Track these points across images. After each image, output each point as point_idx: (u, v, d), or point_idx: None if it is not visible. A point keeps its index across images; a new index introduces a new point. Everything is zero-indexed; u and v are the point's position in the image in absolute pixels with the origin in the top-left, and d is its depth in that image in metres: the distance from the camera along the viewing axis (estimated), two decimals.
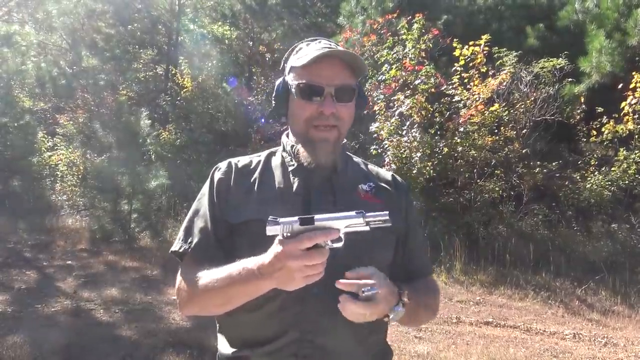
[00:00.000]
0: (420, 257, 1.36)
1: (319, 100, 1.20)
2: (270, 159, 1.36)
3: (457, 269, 6.99)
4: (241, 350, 1.24)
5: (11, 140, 9.99)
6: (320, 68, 1.21)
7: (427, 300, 1.27)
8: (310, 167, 1.26)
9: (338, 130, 1.24)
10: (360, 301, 1.07)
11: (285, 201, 1.24)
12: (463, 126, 8.25)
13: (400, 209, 1.31)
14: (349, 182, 1.30)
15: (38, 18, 11.22)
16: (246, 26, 14.34)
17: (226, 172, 1.32)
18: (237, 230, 1.24)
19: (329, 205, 1.22)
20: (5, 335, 4.16)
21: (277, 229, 1.04)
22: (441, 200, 8.58)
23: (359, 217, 1.05)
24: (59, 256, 7.20)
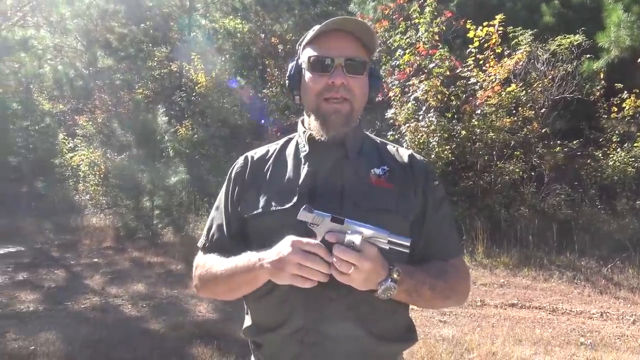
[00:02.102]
0: (439, 240, 1.30)
1: (329, 72, 1.21)
2: (286, 147, 1.37)
3: (479, 253, 6.95)
4: (258, 335, 1.29)
5: (33, 143, 10.19)
6: (330, 41, 1.22)
7: (435, 281, 1.20)
8: (321, 151, 1.26)
9: (350, 104, 1.23)
10: (345, 247, 1.05)
11: (292, 191, 1.24)
12: (480, 108, 8.15)
13: (416, 191, 1.28)
14: (362, 166, 1.28)
15: (52, 21, 11.35)
16: (257, 19, 14.33)
17: (242, 167, 1.36)
18: (249, 222, 1.28)
19: (336, 194, 1.22)
20: (38, 332, 4.27)
21: (309, 217, 1.06)
22: (461, 184, 8.51)
23: (384, 234, 1.06)
24: (85, 254, 7.35)
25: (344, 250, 1.04)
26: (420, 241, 1.27)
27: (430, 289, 1.20)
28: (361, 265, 1.05)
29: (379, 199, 1.23)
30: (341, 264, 1.04)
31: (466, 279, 1.34)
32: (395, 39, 9.04)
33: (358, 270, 1.05)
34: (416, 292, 1.18)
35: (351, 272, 1.05)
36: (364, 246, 1.05)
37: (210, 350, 3.90)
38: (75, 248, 7.71)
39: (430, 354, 3.86)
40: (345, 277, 1.07)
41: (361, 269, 1.05)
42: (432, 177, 1.34)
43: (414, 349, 3.93)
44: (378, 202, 1.23)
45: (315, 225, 1.07)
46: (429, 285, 1.20)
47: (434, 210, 1.30)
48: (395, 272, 1.10)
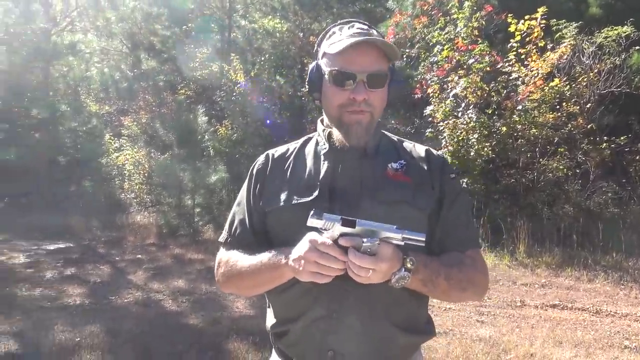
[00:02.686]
0: (456, 232, 1.31)
1: (351, 87, 1.22)
2: (306, 145, 1.41)
3: (520, 252, 6.80)
4: (282, 325, 1.32)
5: (81, 143, 10.58)
6: (352, 55, 1.21)
7: (450, 272, 1.21)
8: (342, 149, 1.28)
9: (371, 115, 1.26)
10: (361, 254, 1.05)
11: (313, 186, 1.27)
12: (522, 104, 7.96)
13: (433, 184, 1.30)
14: (379, 162, 1.31)
15: (99, 25, 11.73)
16: (296, 18, 14.40)
17: (263, 164, 1.39)
18: (270, 217, 1.31)
19: (354, 188, 1.25)
20: (84, 325, 4.44)
21: (319, 223, 1.06)
22: (502, 182, 8.34)
23: (397, 233, 1.06)
24: (129, 251, 7.59)
25: (360, 257, 1.05)
26: (438, 233, 1.29)
27: (445, 280, 1.21)
28: (378, 268, 1.06)
29: (395, 192, 1.26)
30: (359, 270, 1.06)
31: (484, 272, 1.34)
32: (434, 35, 8.92)
33: (376, 272, 1.07)
34: (431, 282, 1.19)
35: (369, 275, 1.07)
36: (379, 248, 1.06)
37: (246, 345, 3.97)
38: (120, 245, 7.97)
39: (466, 353, 3.81)
40: (362, 279, 1.08)
41: (378, 270, 1.07)
42: (449, 171, 1.36)
43: (449, 349, 3.89)
44: (395, 194, 1.25)
45: (326, 230, 1.08)
46: (444, 275, 1.21)
47: (450, 203, 1.31)
48: (408, 261, 1.11)
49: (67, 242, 8.04)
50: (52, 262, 6.77)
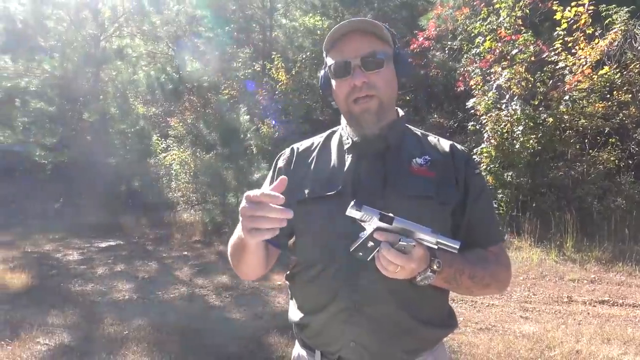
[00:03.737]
0: (480, 228, 1.31)
1: (350, 75, 1.24)
2: (330, 139, 1.42)
3: (568, 246, 6.58)
4: (304, 317, 1.34)
5: (130, 144, 10.93)
6: (343, 45, 1.26)
7: (474, 270, 1.21)
8: (364, 144, 1.29)
9: (378, 98, 1.26)
10: (395, 250, 1.05)
11: (337, 179, 1.29)
12: (569, 94, 7.69)
13: (457, 179, 1.30)
14: (404, 156, 1.31)
15: (145, 30, 12.07)
16: (336, 14, 14.39)
17: (288, 157, 1.42)
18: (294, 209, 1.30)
19: (378, 183, 1.26)
20: (132, 318, 4.62)
21: (357, 214, 1.07)
22: (549, 175, 8.09)
23: (432, 236, 1.07)
24: (176, 248, 7.81)
25: (394, 254, 1.05)
26: (462, 229, 1.29)
27: (469, 278, 1.21)
28: (408, 267, 1.07)
29: (419, 186, 1.26)
30: (388, 264, 1.06)
31: (507, 267, 1.34)
32: (476, 26, 8.74)
33: (403, 270, 1.08)
34: (455, 280, 1.20)
35: (397, 271, 1.08)
36: (413, 249, 1.07)
37: (286, 339, 4.03)
38: (167, 242, 8.22)
39: (508, 350, 3.73)
40: (389, 273, 1.09)
41: (407, 269, 1.07)
42: (473, 166, 1.35)
43: (490, 345, 3.82)
44: (418, 189, 1.25)
45: (364, 222, 1.09)
46: (468, 274, 1.21)
47: (474, 199, 1.31)
48: (435, 263, 1.12)
49: (118, 239, 8.34)
50: (104, 258, 7.06)
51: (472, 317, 4.55)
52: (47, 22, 10.75)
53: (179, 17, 12.78)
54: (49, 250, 7.58)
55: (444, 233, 1.09)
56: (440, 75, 11.80)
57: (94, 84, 11.11)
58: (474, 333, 4.14)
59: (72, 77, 10.85)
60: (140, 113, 12.20)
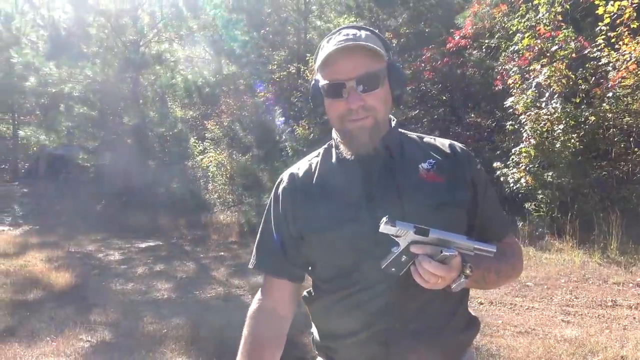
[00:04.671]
0: (493, 222, 1.31)
1: (345, 96, 1.19)
2: (327, 156, 1.35)
3: (613, 248, 6.36)
4: (330, 340, 1.29)
5: (168, 147, 11.19)
6: (338, 63, 1.19)
7: (498, 265, 1.22)
8: (367, 158, 1.24)
9: (373, 117, 1.21)
10: (436, 262, 1.04)
11: (350, 200, 1.23)
12: (612, 91, 7.43)
13: (465, 178, 1.27)
14: (409, 164, 1.26)
15: (182, 35, 12.34)
16: (371, 15, 14.34)
17: (289, 184, 1.33)
18: (312, 240, 1.26)
19: (393, 195, 1.22)
20: (170, 317, 4.71)
21: (392, 230, 1.05)
22: (592, 175, 7.85)
23: (469, 242, 1.07)
24: (213, 248, 7.93)
25: (435, 266, 1.04)
26: (476, 226, 1.28)
27: (495, 274, 1.23)
28: (449, 277, 1.06)
29: (434, 193, 1.22)
30: (430, 277, 1.05)
31: (520, 256, 1.37)
32: (514, 23, 8.56)
33: (444, 280, 1.06)
34: (483, 279, 1.21)
35: (438, 282, 1.06)
36: (453, 259, 1.06)
37: None
38: (204, 242, 8.35)
39: (548, 354, 3.63)
40: (429, 285, 1.07)
41: (447, 279, 1.06)
42: (475, 162, 1.33)
43: (530, 349, 3.73)
44: (434, 196, 1.22)
45: (398, 237, 1.07)
46: (494, 271, 1.23)
47: (483, 194, 1.30)
48: (467, 268, 1.09)
49: (157, 240, 8.53)
50: (143, 258, 7.23)
51: (511, 320, 4.45)
52: (90, 29, 11.10)
53: (215, 22, 13.01)
54: (92, 250, 7.81)
55: (477, 239, 1.09)
56: (477, 74, 11.60)
57: (134, 88, 11.41)
58: (513, 336, 4.05)
59: (113, 82, 11.18)
60: (178, 116, 12.46)
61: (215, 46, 13.62)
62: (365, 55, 1.18)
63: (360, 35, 1.21)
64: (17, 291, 5.52)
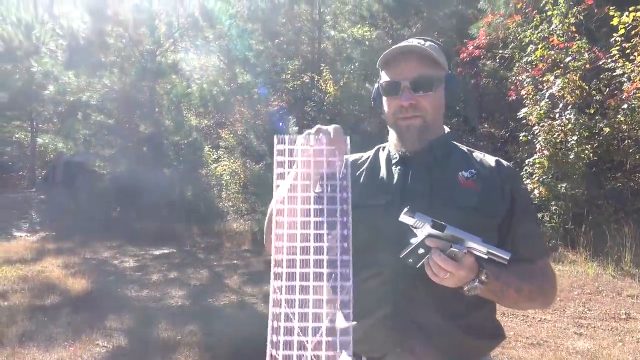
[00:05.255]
0: (526, 242, 1.31)
1: (399, 95, 1.29)
2: (379, 153, 1.46)
3: (627, 261, 6.31)
4: None
5: (183, 155, 11.33)
6: (396, 65, 1.31)
7: (521, 283, 1.23)
8: (411, 157, 1.33)
9: (422, 118, 1.31)
10: (446, 257, 1.08)
11: (386, 189, 1.33)
12: (627, 102, 7.41)
13: (503, 194, 1.31)
14: (450, 169, 1.34)
15: (198, 44, 12.54)
16: (385, 24, 14.42)
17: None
18: None
19: (425, 193, 1.29)
20: (184, 325, 4.77)
21: (410, 220, 1.11)
22: (607, 186, 7.80)
23: (483, 246, 1.10)
24: (226, 256, 8.00)
25: (444, 259, 1.08)
26: (508, 243, 1.30)
27: (515, 291, 1.23)
28: (457, 274, 1.09)
29: (465, 198, 1.28)
30: (439, 270, 1.09)
31: (553, 282, 1.34)
32: (526, 34, 8.56)
33: (452, 277, 1.10)
34: (501, 292, 1.22)
35: (446, 277, 1.10)
36: (464, 256, 1.09)
37: None
38: (218, 250, 8.43)
39: None
40: (438, 279, 1.12)
41: (456, 276, 1.10)
42: (519, 181, 1.38)
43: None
44: (464, 200, 1.27)
45: (416, 228, 1.12)
46: (514, 287, 1.23)
47: (520, 213, 1.32)
48: (483, 274, 1.13)
49: (171, 247, 8.62)
50: (158, 266, 7.31)
51: (523, 331, 4.44)
52: (108, 38, 11.31)
53: (230, 31, 13.15)
54: (107, 257, 7.92)
55: (480, 235, 1.11)
56: (491, 84, 11.60)
57: (150, 97, 11.58)
58: (525, 348, 4.04)
59: (130, 91, 11.36)
60: (193, 125, 12.62)
61: (230, 55, 13.77)
62: (422, 60, 1.29)
63: (424, 44, 1.32)
64: (34, 296, 5.62)
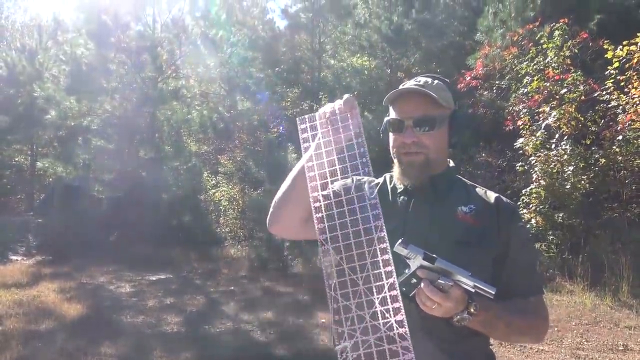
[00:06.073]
0: (521, 278, 1.36)
1: (402, 132, 1.37)
2: (386, 180, 1.52)
3: (624, 292, 6.30)
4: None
5: (182, 180, 11.36)
6: (402, 103, 1.39)
7: (512, 318, 1.27)
8: (414, 190, 1.40)
9: (424, 155, 1.36)
10: (434, 288, 1.12)
11: (392, 216, 1.35)
12: (622, 133, 7.51)
13: (500, 230, 1.36)
14: (450, 204, 1.39)
15: (199, 72, 12.73)
16: (384, 54, 14.65)
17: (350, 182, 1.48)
18: None
19: (423, 226, 1.34)
20: (180, 351, 4.73)
21: (404, 251, 1.16)
22: (603, 216, 7.84)
23: (470, 280, 1.14)
24: (223, 283, 7.96)
25: (432, 290, 1.13)
26: (503, 278, 1.34)
27: (505, 325, 1.27)
28: (444, 305, 1.13)
29: (462, 233, 1.33)
30: (427, 300, 1.14)
31: (545, 318, 1.38)
32: (523, 66, 8.72)
33: (440, 307, 1.14)
34: (491, 325, 1.25)
35: (434, 307, 1.14)
36: (450, 288, 1.14)
37: None
38: (214, 276, 8.39)
39: None
40: (427, 309, 1.16)
41: (443, 307, 1.14)
42: (517, 218, 1.43)
43: None
44: (461, 235, 1.33)
45: (409, 259, 1.17)
46: (504, 321, 1.27)
47: (517, 250, 1.36)
48: (472, 306, 1.17)
49: (168, 273, 8.58)
50: (154, 291, 7.27)
51: None
52: (110, 65, 11.47)
53: (231, 59, 13.37)
54: (103, 282, 7.88)
55: (482, 278, 1.15)
56: (488, 114, 11.73)
57: (151, 123, 11.69)
58: None
59: (131, 117, 11.47)
60: (192, 151, 12.69)
61: (231, 83, 13.95)
62: (427, 100, 1.35)
63: (431, 83, 1.39)
64: (29, 321, 5.58)
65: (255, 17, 16.41)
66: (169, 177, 11.22)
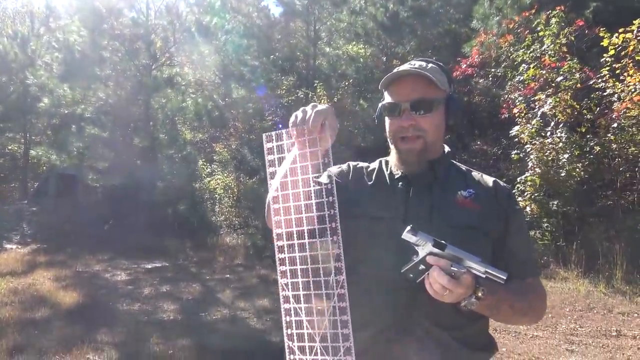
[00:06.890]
0: (519, 261, 1.37)
1: (399, 116, 1.34)
2: (383, 166, 1.49)
3: (618, 278, 6.35)
4: None
5: (177, 169, 11.34)
6: (397, 87, 1.36)
7: (514, 300, 1.28)
8: (413, 176, 1.38)
9: (423, 139, 1.35)
10: (445, 274, 1.12)
11: (390, 204, 1.36)
12: (617, 121, 7.52)
13: (499, 213, 1.36)
14: (449, 189, 1.38)
15: (194, 59, 12.62)
16: (379, 42, 14.61)
17: (346, 168, 1.49)
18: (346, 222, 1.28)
19: (425, 211, 1.33)
20: (176, 339, 4.74)
21: (413, 238, 1.16)
22: (598, 204, 7.88)
23: (481, 265, 1.13)
24: (219, 270, 7.97)
25: (444, 277, 1.12)
26: (502, 260, 1.34)
27: (509, 307, 1.28)
28: (455, 291, 1.13)
29: (464, 217, 1.33)
30: (439, 287, 1.13)
31: (543, 299, 1.40)
32: (519, 54, 8.70)
33: (451, 294, 1.13)
34: (496, 308, 1.26)
35: (445, 294, 1.13)
36: (462, 275, 1.13)
37: None
38: (210, 264, 8.40)
39: None
40: (437, 296, 1.15)
41: (454, 293, 1.13)
42: (514, 202, 1.42)
43: None
44: (463, 219, 1.32)
45: (417, 246, 1.16)
46: (508, 303, 1.27)
47: (515, 233, 1.37)
48: (480, 290, 1.17)
49: (163, 261, 8.59)
50: (150, 279, 7.27)
51: (514, 348, 4.46)
52: (104, 52, 11.35)
53: (226, 47, 13.26)
54: (99, 270, 7.87)
55: (491, 263, 1.15)
56: (483, 102, 11.73)
57: (145, 111, 11.61)
58: None
59: (125, 105, 11.39)
60: (187, 139, 12.64)
61: (226, 70, 13.87)
62: (423, 82, 1.33)
63: (426, 67, 1.36)
64: (25, 309, 5.58)
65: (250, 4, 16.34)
66: (163, 166, 11.20)
